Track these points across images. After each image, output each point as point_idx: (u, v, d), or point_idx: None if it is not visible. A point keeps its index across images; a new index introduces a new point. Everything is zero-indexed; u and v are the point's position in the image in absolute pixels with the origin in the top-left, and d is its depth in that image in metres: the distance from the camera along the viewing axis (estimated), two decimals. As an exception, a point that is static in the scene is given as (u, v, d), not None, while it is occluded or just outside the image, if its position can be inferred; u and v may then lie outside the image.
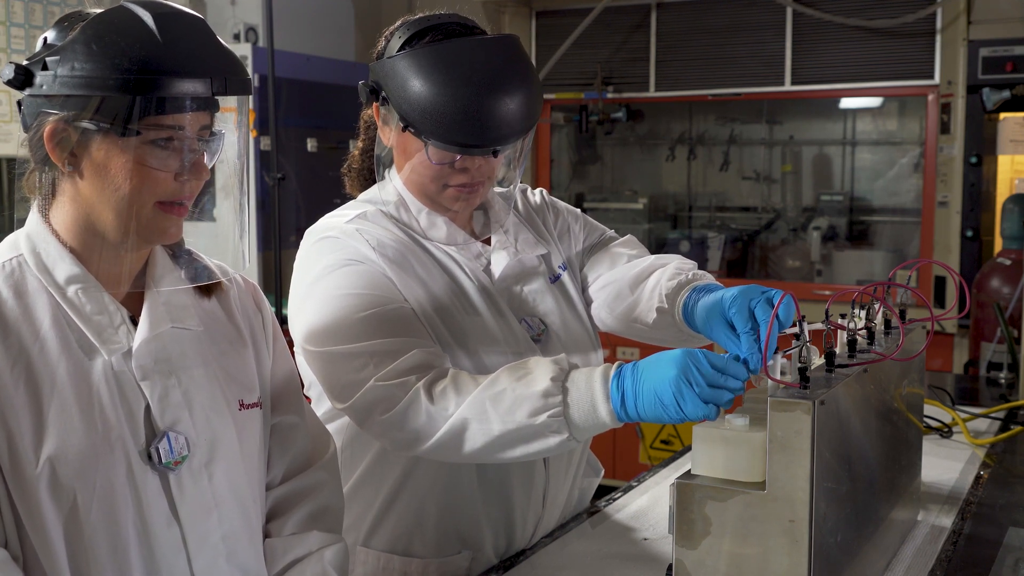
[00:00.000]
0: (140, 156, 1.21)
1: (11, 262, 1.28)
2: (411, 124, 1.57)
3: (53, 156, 1.23)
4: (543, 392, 1.42)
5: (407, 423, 1.48)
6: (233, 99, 1.31)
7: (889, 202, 5.46)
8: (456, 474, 1.69)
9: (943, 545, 1.72)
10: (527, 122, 1.59)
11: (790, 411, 1.21)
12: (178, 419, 1.29)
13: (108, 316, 1.28)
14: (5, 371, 1.21)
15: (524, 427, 1.43)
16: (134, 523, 1.25)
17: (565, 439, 1.43)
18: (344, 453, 1.72)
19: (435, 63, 1.54)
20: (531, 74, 1.60)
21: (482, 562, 1.73)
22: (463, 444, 1.46)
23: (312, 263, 1.63)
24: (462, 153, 1.58)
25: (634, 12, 5.38)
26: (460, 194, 1.65)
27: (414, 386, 1.48)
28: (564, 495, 1.83)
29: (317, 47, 5.18)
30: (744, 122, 5.79)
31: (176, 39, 1.21)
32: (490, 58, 1.56)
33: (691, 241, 5.47)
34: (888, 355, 1.48)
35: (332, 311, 1.56)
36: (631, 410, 1.39)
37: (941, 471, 2.12)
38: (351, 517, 1.72)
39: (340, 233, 1.64)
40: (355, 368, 1.51)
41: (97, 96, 1.19)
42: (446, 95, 1.53)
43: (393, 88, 1.58)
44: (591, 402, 1.41)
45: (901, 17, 4.72)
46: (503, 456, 1.47)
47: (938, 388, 2.63)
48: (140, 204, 1.24)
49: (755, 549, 1.25)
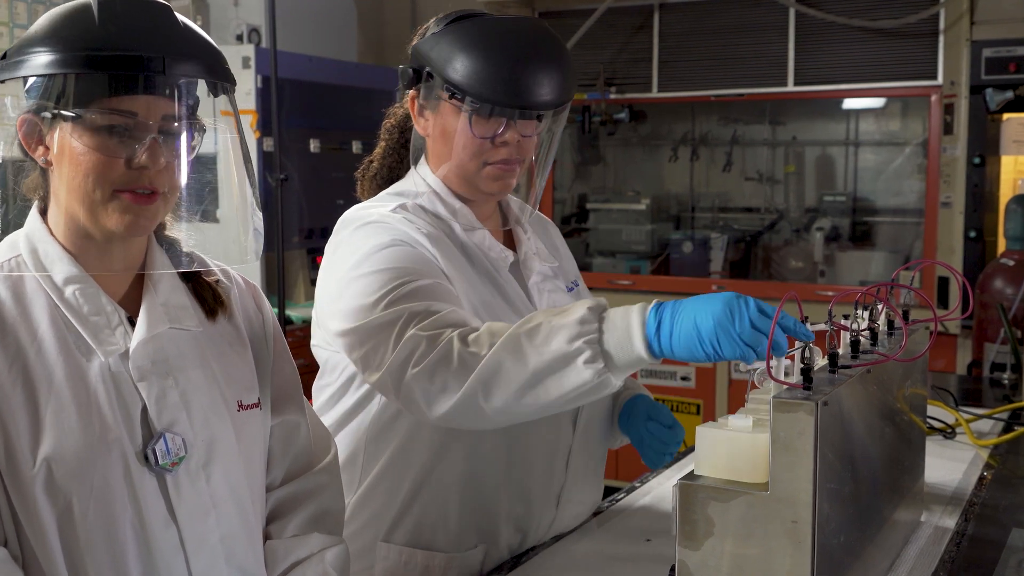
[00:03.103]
0: (90, 142, 1.21)
1: (10, 263, 1.28)
2: (459, 90, 1.63)
3: (27, 148, 1.25)
4: (579, 319, 1.39)
5: (437, 372, 1.44)
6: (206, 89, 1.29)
7: (892, 203, 5.46)
8: (481, 466, 1.69)
9: (946, 546, 1.72)
10: (567, 92, 1.68)
11: (793, 412, 1.21)
12: (175, 420, 1.29)
13: (105, 317, 1.28)
14: (3, 371, 1.21)
15: (558, 356, 1.39)
16: (131, 524, 1.25)
17: (600, 369, 1.38)
18: (368, 450, 1.72)
19: (482, 32, 1.65)
20: (567, 51, 1.72)
21: (494, 557, 1.74)
22: (493, 391, 1.42)
23: (359, 245, 1.63)
24: (509, 116, 1.64)
25: (637, 13, 5.38)
26: (498, 172, 1.70)
27: (448, 336, 1.46)
28: (578, 496, 1.83)
29: (320, 48, 5.18)
30: (747, 123, 5.78)
31: (116, 19, 1.20)
32: (534, 31, 1.68)
33: (694, 242, 5.46)
34: (891, 356, 1.48)
35: (380, 284, 1.55)
36: (665, 341, 1.35)
37: (944, 472, 2.12)
38: (371, 513, 1.73)
39: (386, 219, 1.66)
40: (393, 323, 1.50)
41: (40, 78, 1.20)
42: (495, 59, 1.62)
43: (439, 60, 1.65)
44: (626, 329, 1.37)
45: (904, 17, 4.72)
46: (535, 401, 1.42)
47: (941, 389, 2.63)
48: (99, 192, 1.22)
49: (758, 550, 1.24)
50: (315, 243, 5.03)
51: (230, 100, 1.31)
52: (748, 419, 1.30)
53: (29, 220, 1.31)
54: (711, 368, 4.97)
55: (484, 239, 1.76)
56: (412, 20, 6.09)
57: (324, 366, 1.78)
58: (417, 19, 6.07)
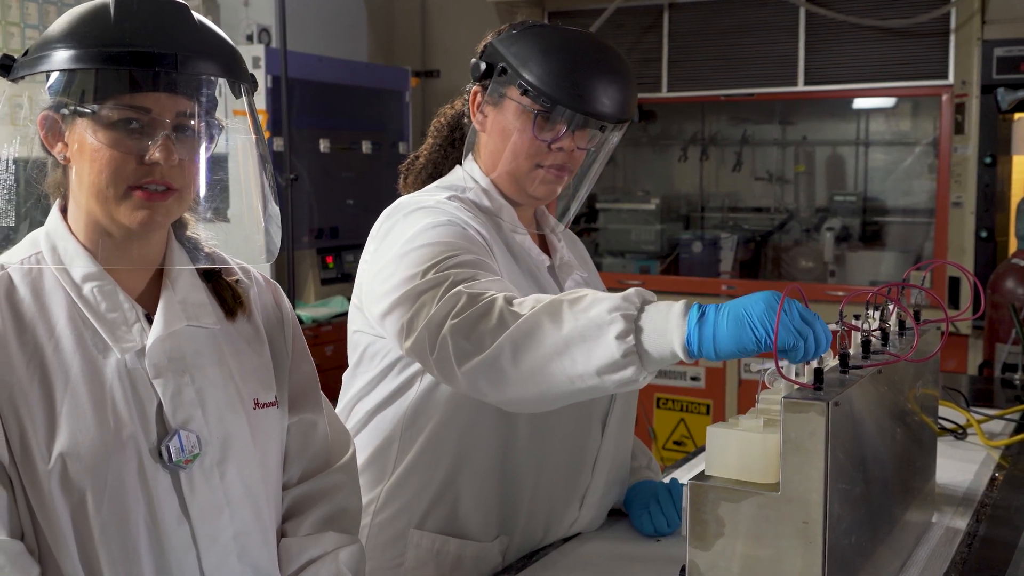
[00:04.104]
0: (104, 138, 1.22)
1: (29, 259, 1.29)
2: (532, 88, 1.67)
3: (47, 145, 1.27)
4: (624, 295, 1.36)
5: (475, 327, 1.40)
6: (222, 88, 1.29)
7: (902, 202, 5.44)
8: (511, 459, 1.71)
9: (958, 547, 1.71)
10: (630, 110, 1.74)
11: (804, 412, 1.21)
12: (190, 417, 1.30)
13: (122, 314, 1.29)
14: (20, 367, 1.22)
15: (592, 323, 1.33)
16: (144, 520, 1.26)
17: (630, 348, 1.31)
18: (404, 436, 1.73)
19: (563, 38, 1.72)
20: (634, 75, 1.78)
21: (513, 550, 1.76)
22: (521, 352, 1.37)
23: (412, 223, 1.64)
24: (574, 121, 1.68)
25: (647, 13, 5.37)
26: (548, 177, 1.74)
27: (492, 295, 1.43)
28: (602, 499, 1.84)
29: (330, 48, 5.19)
30: (757, 122, 5.78)
31: (132, 17, 1.22)
32: (609, 48, 1.75)
33: (703, 242, 5.46)
34: (902, 356, 1.48)
35: (430, 256, 1.54)
36: (708, 331, 1.28)
37: (955, 473, 2.11)
38: (404, 500, 1.74)
39: (440, 204, 1.69)
40: (438, 286, 1.48)
41: (57, 75, 1.22)
42: (571, 64, 1.68)
43: (517, 57, 1.70)
44: (666, 311, 1.32)
45: (915, 17, 4.70)
46: (561, 371, 1.36)
47: (952, 389, 2.62)
48: (113, 188, 1.24)
49: (769, 550, 1.24)
50: (325, 243, 5.04)
51: (247, 99, 1.32)
52: (759, 419, 1.30)
53: (50, 217, 1.32)
54: (721, 368, 4.97)
55: (525, 239, 1.79)
56: (422, 20, 6.09)
57: (363, 353, 1.78)
58: (427, 19, 6.07)
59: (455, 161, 1.86)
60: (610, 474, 1.84)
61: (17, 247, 1.31)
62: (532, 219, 1.88)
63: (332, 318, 4.78)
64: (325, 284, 5.10)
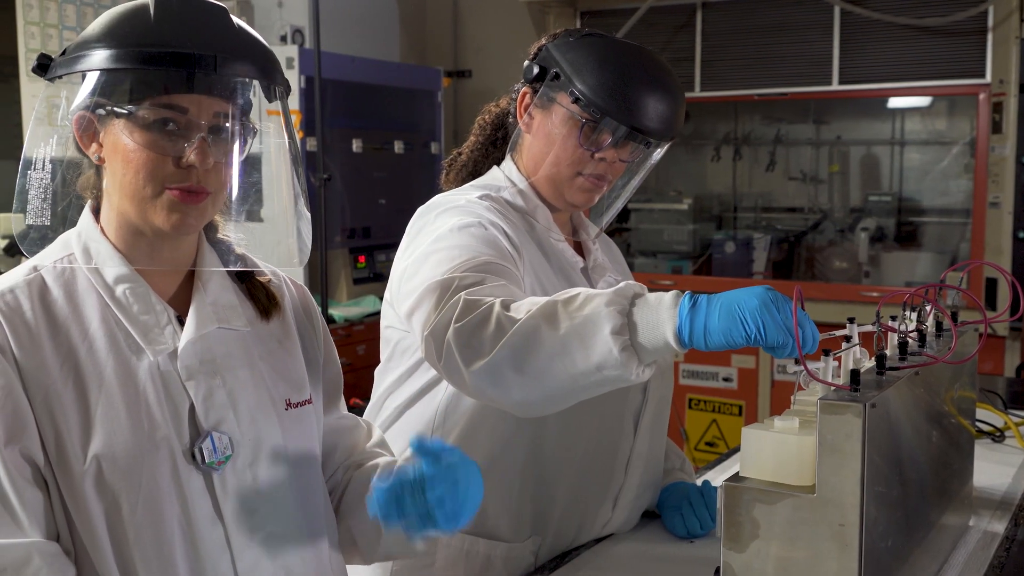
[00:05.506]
0: (140, 139, 1.22)
1: (62, 261, 1.30)
2: (584, 97, 1.68)
3: (82, 145, 1.27)
4: (615, 291, 1.36)
5: (475, 334, 1.41)
6: (258, 91, 1.29)
7: (938, 203, 5.39)
8: (542, 459, 1.72)
9: (995, 551, 1.69)
10: (676, 130, 1.76)
11: (840, 414, 1.20)
12: (222, 419, 1.31)
13: (155, 316, 1.30)
14: (54, 369, 1.23)
15: (587, 321, 1.34)
16: (179, 522, 1.27)
17: (626, 341, 1.32)
18: (436, 434, 1.73)
19: (622, 52, 1.72)
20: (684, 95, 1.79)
21: (545, 550, 1.76)
22: (523, 356, 1.38)
23: (444, 223, 1.66)
24: (622, 134, 1.69)
25: (680, 12, 5.36)
26: (588, 185, 1.75)
27: (490, 302, 1.44)
28: (636, 500, 1.84)
29: (362, 48, 5.21)
30: (790, 122, 5.74)
31: (171, 18, 1.22)
32: (665, 66, 1.76)
33: (736, 242, 5.43)
34: (940, 358, 1.46)
35: (452, 258, 1.56)
36: (699, 320, 1.29)
37: (993, 476, 2.09)
38: None
39: (472, 204, 1.70)
40: (446, 288, 1.50)
41: (95, 74, 1.22)
42: (626, 76, 1.68)
43: (572, 64, 1.71)
44: (656, 303, 1.33)
45: (951, 15, 4.66)
46: (563, 371, 1.37)
47: (990, 392, 2.59)
48: (148, 189, 1.24)
49: (804, 553, 1.23)
50: (357, 242, 5.06)
51: (282, 102, 1.32)
52: (794, 421, 1.29)
53: (82, 219, 1.33)
54: (754, 369, 4.94)
55: (559, 240, 1.80)
56: (454, 20, 6.10)
57: (394, 348, 1.80)
58: (459, 19, 6.08)
59: (495, 160, 1.87)
60: (644, 475, 1.83)
61: (49, 248, 1.31)
62: (568, 222, 1.89)
63: (364, 317, 4.80)
64: (357, 283, 5.13)
